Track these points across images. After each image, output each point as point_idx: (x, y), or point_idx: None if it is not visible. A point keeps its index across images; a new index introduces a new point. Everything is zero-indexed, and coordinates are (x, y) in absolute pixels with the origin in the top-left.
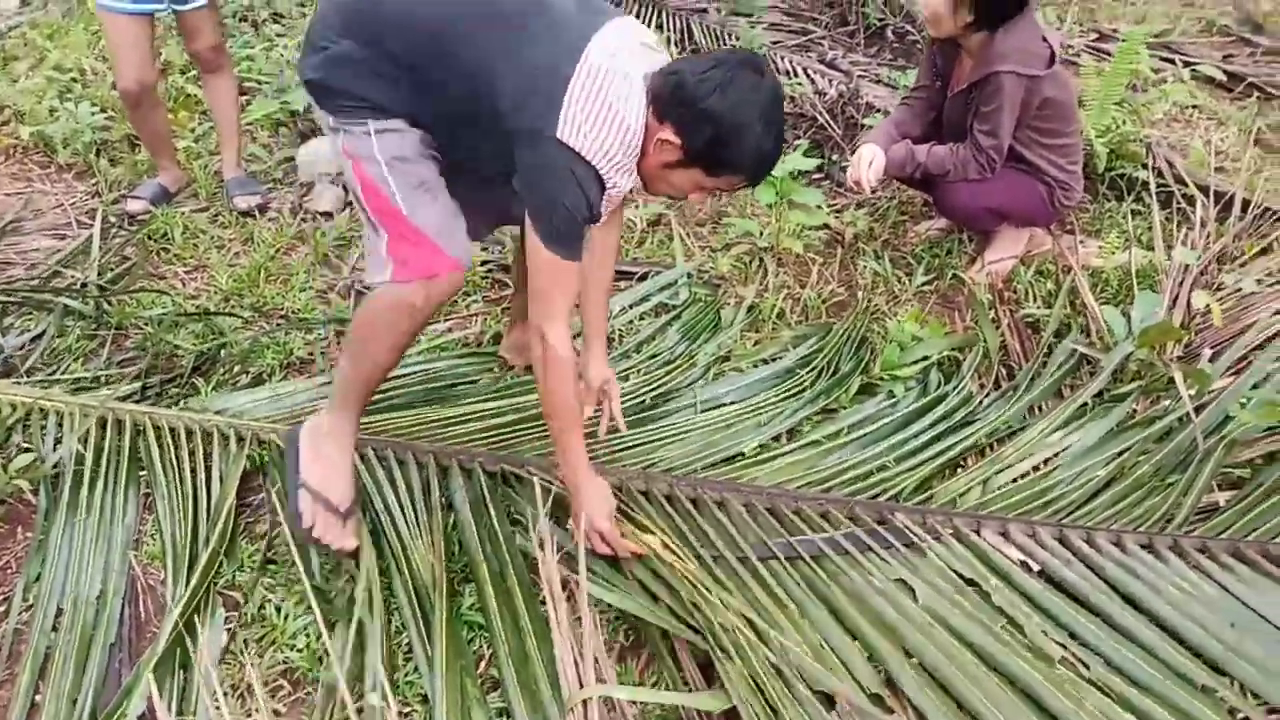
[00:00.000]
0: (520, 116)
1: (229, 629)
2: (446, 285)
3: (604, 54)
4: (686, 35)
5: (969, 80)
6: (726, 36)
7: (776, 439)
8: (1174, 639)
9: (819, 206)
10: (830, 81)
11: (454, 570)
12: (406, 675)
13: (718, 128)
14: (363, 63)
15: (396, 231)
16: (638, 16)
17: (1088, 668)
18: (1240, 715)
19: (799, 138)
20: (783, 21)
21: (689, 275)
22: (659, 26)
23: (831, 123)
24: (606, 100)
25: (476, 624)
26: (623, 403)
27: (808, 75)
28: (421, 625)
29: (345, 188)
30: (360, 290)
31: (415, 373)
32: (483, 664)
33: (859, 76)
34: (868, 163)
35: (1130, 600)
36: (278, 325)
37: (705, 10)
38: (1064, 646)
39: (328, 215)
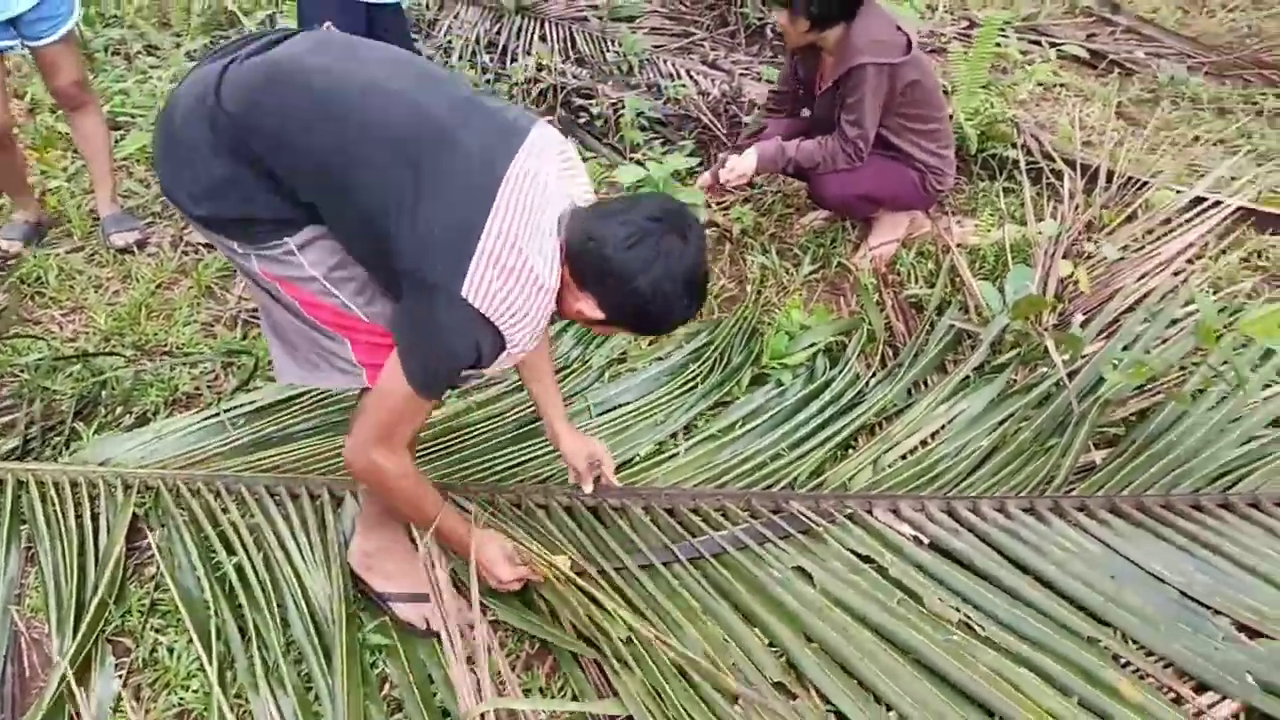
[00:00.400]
0: (421, 268)
1: (120, 676)
2: None
3: (519, 199)
4: (569, 44)
5: (832, 78)
6: (609, 42)
7: (673, 437)
8: (1059, 595)
9: (707, 205)
10: (713, 82)
11: (357, 598)
12: (313, 707)
13: (643, 304)
14: (251, 183)
15: (359, 336)
16: (519, 30)
17: (982, 630)
18: (1123, 661)
19: (684, 138)
20: (663, 25)
21: None
22: (541, 38)
23: (715, 122)
24: (522, 259)
25: (380, 647)
26: (516, 413)
27: (690, 77)
28: (321, 655)
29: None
30: (248, 319)
31: (306, 404)
32: (386, 686)
33: (741, 75)
34: (730, 166)
35: (1016, 562)
36: (161, 362)
37: (586, 19)
38: (958, 610)
39: (209, 247)
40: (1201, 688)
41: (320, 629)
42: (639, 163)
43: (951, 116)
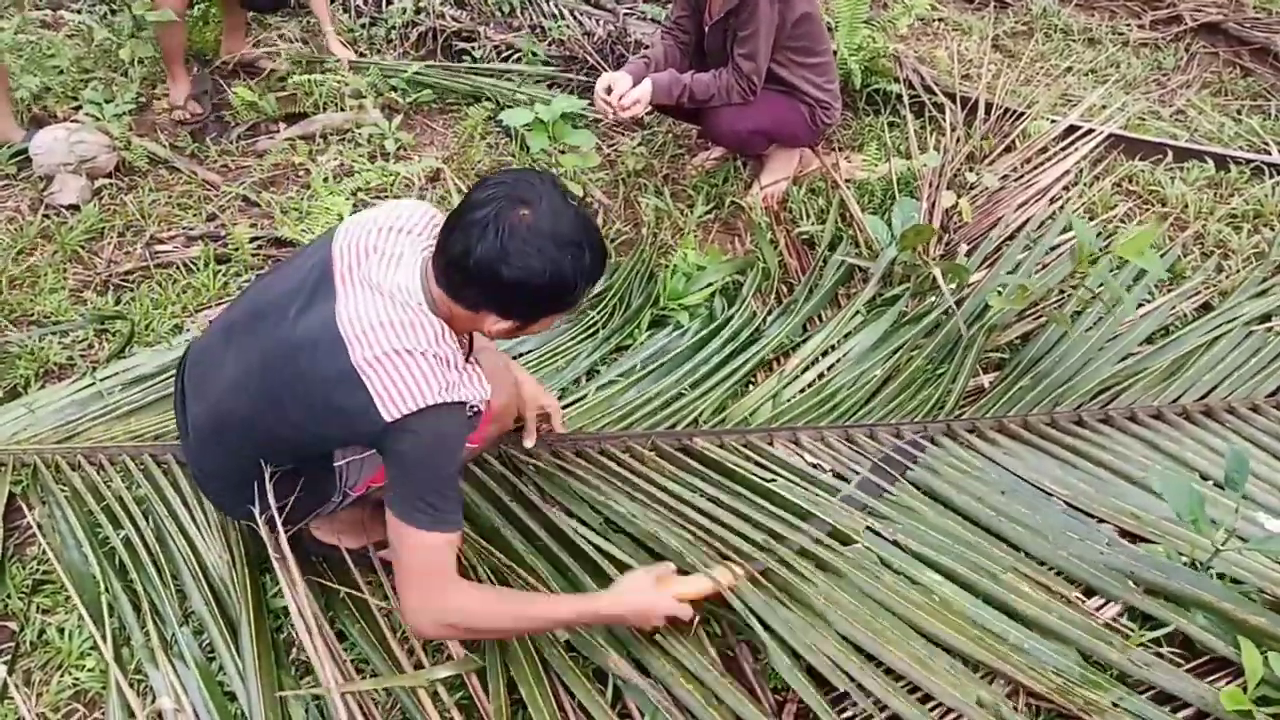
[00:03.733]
0: (345, 433)
1: (4, 662)
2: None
3: (362, 325)
4: None
5: (724, 9)
6: None
7: (576, 382)
8: (955, 512)
9: (597, 147)
10: (598, 22)
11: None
12: (217, 677)
13: (529, 288)
14: (248, 460)
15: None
16: None
17: (887, 542)
18: (1011, 567)
19: (570, 80)
20: None
21: None
22: None
23: (602, 63)
24: (411, 357)
25: (283, 609)
26: None
27: (574, 17)
28: (223, 624)
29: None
30: (119, 283)
31: None
32: (294, 650)
33: (625, 15)
34: (619, 92)
35: (914, 483)
36: (29, 333)
37: None
38: (863, 528)
39: (74, 208)
40: (1089, 592)
41: (220, 597)
42: (524, 104)
43: (835, 52)
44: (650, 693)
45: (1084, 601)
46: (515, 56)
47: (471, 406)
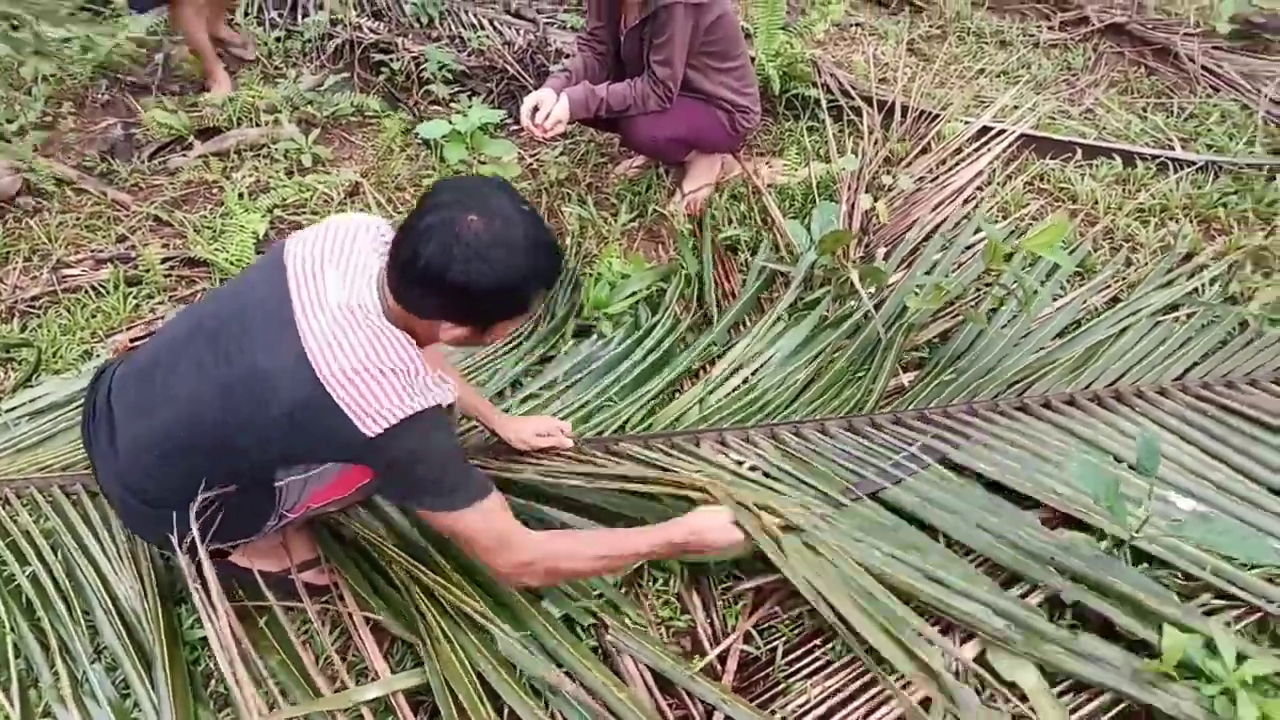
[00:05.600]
0: (320, 452)
1: None
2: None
3: (326, 345)
4: (364, 3)
5: (639, 17)
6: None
7: (501, 394)
8: (879, 501)
9: (520, 156)
10: (518, 31)
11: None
12: (131, 714)
13: (483, 294)
14: (190, 481)
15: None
16: None
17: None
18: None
19: (490, 90)
20: None
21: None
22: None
23: (522, 73)
24: (378, 374)
25: (201, 640)
26: None
27: (494, 27)
28: (137, 660)
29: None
30: (26, 309)
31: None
32: (211, 682)
33: (546, 24)
34: (544, 112)
35: (840, 475)
36: None
37: None
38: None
39: None
40: (1013, 579)
41: (133, 631)
42: (438, 116)
43: (754, 59)
44: (587, 703)
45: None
46: (440, 68)
47: (442, 413)
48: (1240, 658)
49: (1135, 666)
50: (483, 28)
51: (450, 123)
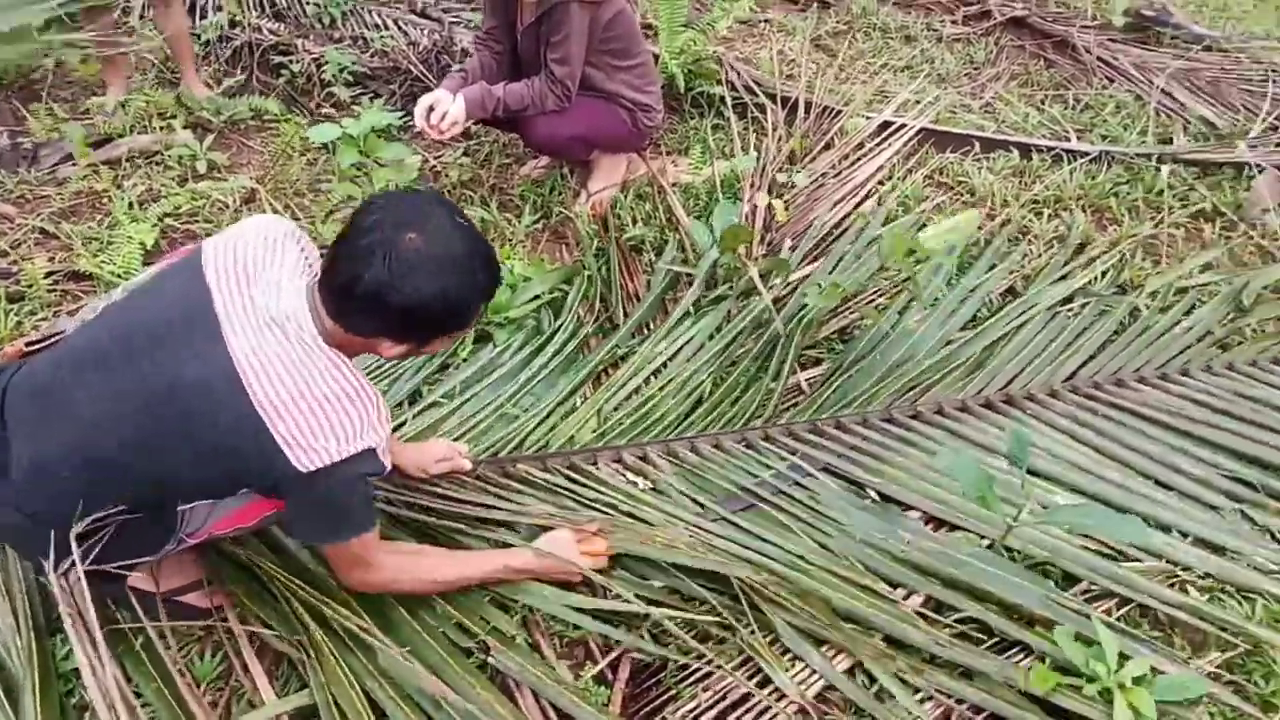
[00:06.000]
0: (238, 478)
1: None
2: None
3: (261, 338)
4: (264, 4)
5: (534, 15)
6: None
7: (399, 406)
8: (776, 508)
9: (423, 159)
10: (423, 31)
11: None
12: None
13: (422, 312)
14: (90, 503)
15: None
16: None
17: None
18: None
19: (394, 92)
20: None
21: None
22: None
23: (427, 73)
24: (317, 400)
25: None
26: None
27: (399, 27)
28: (2, 695)
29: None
30: None
31: None
32: (86, 715)
33: (451, 24)
34: (439, 113)
35: (735, 490)
36: None
37: None
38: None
39: None
40: (894, 584)
41: (2, 665)
42: (335, 120)
43: (657, 57)
44: (473, 717)
45: (891, 591)
46: (340, 70)
47: (377, 457)
48: (1122, 657)
49: (1010, 675)
50: (387, 28)
51: (341, 126)
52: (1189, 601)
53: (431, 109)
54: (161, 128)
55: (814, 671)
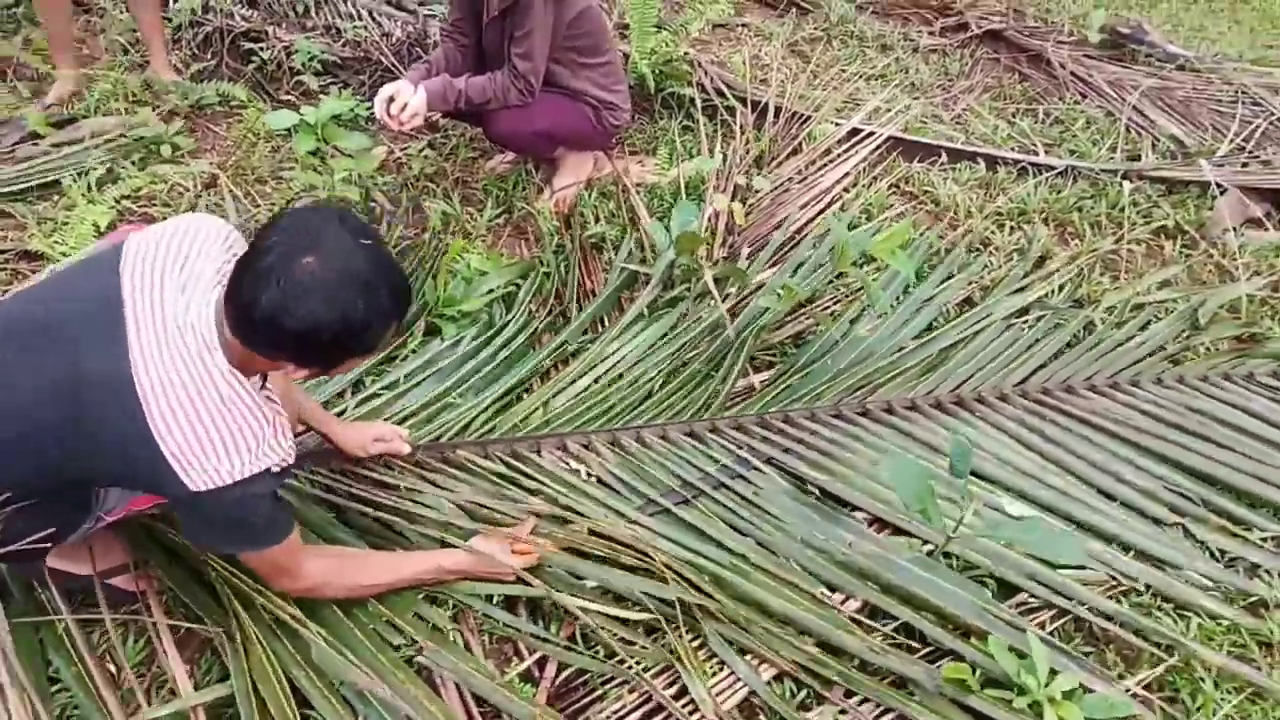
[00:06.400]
0: (135, 482)
1: None
2: None
3: (162, 352)
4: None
5: (500, 7)
6: None
7: (340, 395)
8: (718, 503)
9: (389, 149)
10: (396, 23)
11: None
12: None
13: (322, 338)
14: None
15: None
16: None
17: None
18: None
19: (363, 82)
20: None
21: (244, 233)
22: None
23: (398, 65)
24: (210, 422)
25: None
26: None
27: (372, 18)
28: None
29: None
30: None
31: None
32: None
33: (426, 16)
34: (400, 104)
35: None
36: None
37: None
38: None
39: None
40: (832, 588)
41: None
42: (294, 107)
43: (627, 57)
44: (399, 710)
45: (829, 596)
46: (310, 58)
47: (278, 465)
48: (1052, 672)
49: (941, 685)
50: (360, 18)
51: (299, 113)
52: (1125, 613)
53: (392, 100)
54: (126, 110)
55: (739, 679)
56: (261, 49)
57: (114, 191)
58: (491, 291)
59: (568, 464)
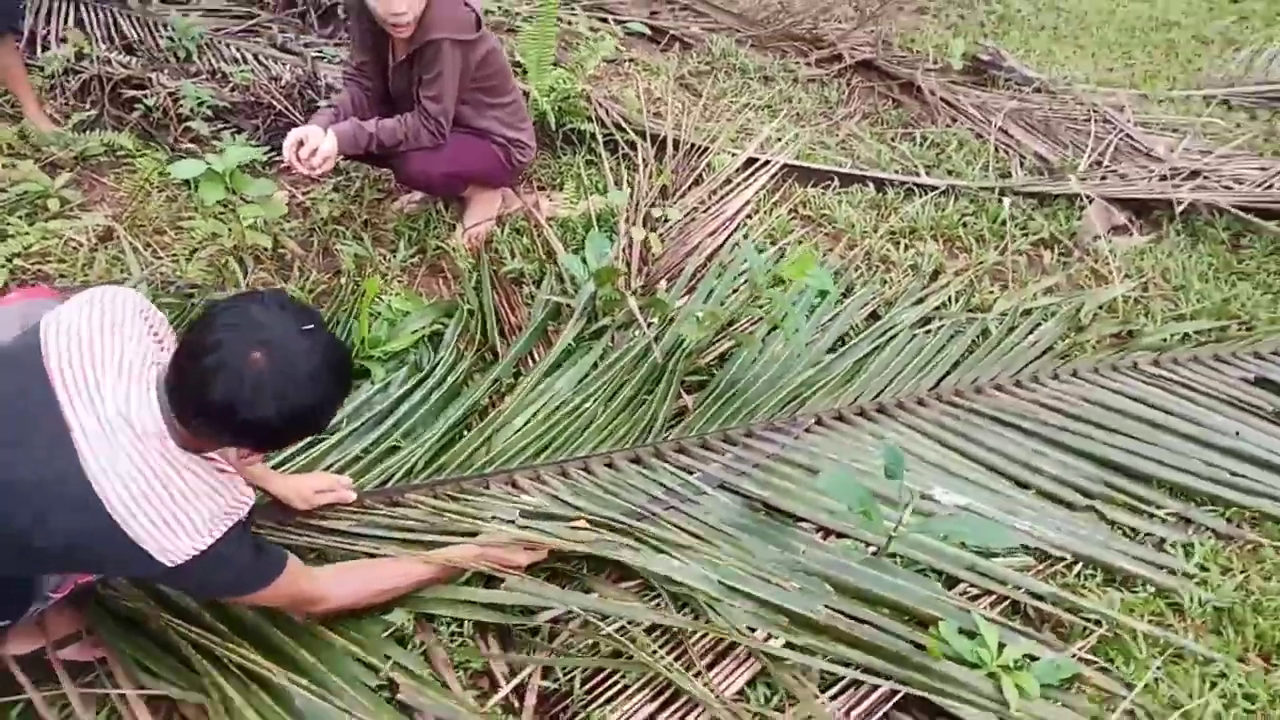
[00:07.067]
0: (104, 569)
1: None
2: None
3: (112, 445)
4: (113, 29)
5: (407, 52)
6: (160, 27)
7: None
8: (671, 526)
9: (290, 194)
10: (285, 66)
11: None
12: None
13: (273, 426)
14: None
15: None
16: (48, 14)
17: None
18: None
19: (257, 127)
20: (222, 6)
21: (149, 285)
22: (78, 23)
23: (291, 108)
24: (172, 501)
25: None
26: None
27: (259, 61)
28: None
29: None
30: None
31: None
32: None
33: (315, 58)
34: (310, 148)
35: (631, 510)
36: None
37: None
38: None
39: None
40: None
41: None
42: (197, 155)
43: (527, 94)
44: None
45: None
46: (199, 104)
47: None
48: (1001, 646)
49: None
50: (246, 62)
51: (206, 162)
52: (1056, 593)
53: (301, 144)
54: (4, 165)
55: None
56: (145, 96)
57: (4, 250)
58: (416, 331)
59: (519, 498)
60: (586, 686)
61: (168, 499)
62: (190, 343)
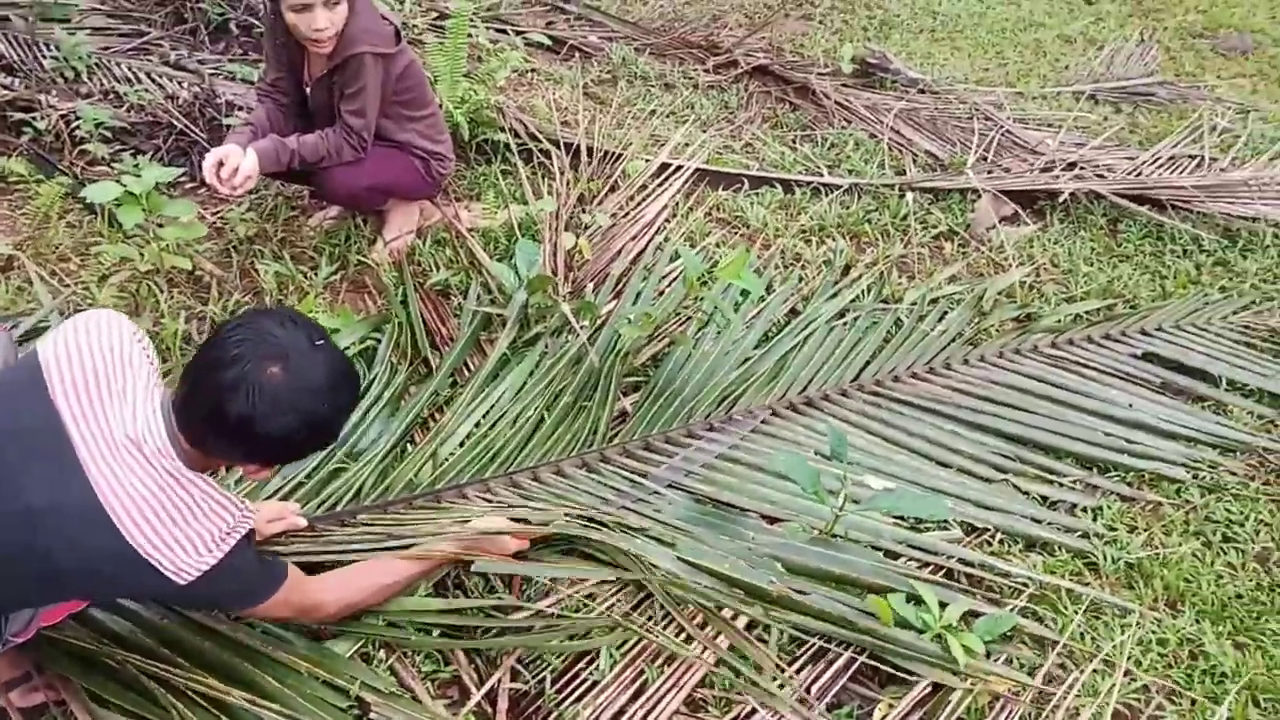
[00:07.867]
0: (123, 594)
1: None
2: None
3: (124, 469)
4: None
5: (327, 67)
6: (44, 46)
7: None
8: (625, 529)
9: (201, 215)
10: (181, 84)
11: None
12: None
13: (289, 440)
14: None
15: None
16: None
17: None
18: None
19: (158, 147)
20: (108, 24)
21: (61, 314)
22: None
23: (191, 127)
24: (180, 522)
25: None
26: None
27: (153, 80)
28: None
29: None
30: None
31: None
32: None
33: (211, 75)
34: (230, 167)
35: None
36: None
37: (7, 19)
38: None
39: None
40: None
41: None
42: (95, 180)
43: (441, 105)
44: None
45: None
46: (96, 126)
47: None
48: (941, 605)
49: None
50: (139, 81)
51: (121, 184)
52: (985, 560)
53: (222, 164)
54: None
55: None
56: (35, 119)
57: None
58: (348, 348)
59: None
60: (557, 686)
61: (179, 519)
62: (204, 359)
